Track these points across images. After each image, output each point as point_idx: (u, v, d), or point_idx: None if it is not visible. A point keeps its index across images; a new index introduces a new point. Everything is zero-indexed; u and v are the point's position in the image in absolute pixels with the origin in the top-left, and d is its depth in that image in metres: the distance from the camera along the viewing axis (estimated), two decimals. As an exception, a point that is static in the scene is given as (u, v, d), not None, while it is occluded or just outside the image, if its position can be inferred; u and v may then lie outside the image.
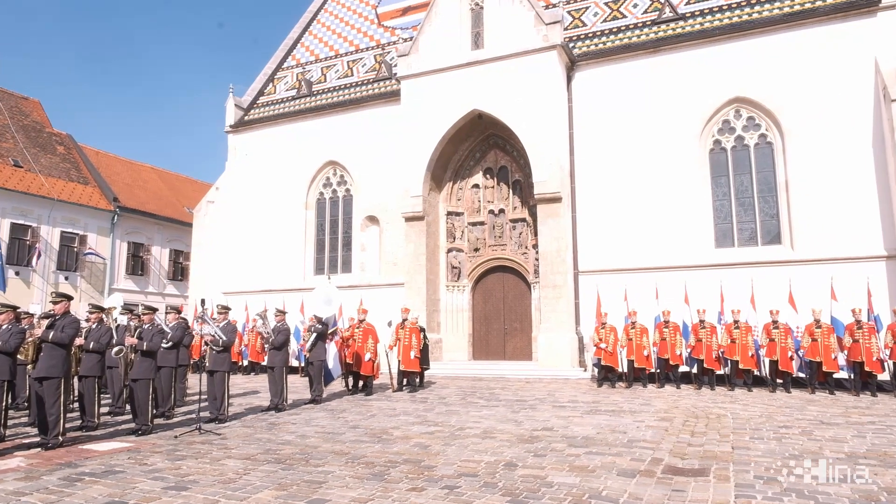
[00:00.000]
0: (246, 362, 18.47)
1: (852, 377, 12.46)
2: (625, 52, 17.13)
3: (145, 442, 7.92)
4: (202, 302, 10.57)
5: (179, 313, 10.77)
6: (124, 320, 10.68)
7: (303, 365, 15.70)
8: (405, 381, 13.54)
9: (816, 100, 14.90)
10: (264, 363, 13.63)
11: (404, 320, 13.76)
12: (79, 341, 8.80)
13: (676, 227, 15.82)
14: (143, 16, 76.18)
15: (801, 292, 13.74)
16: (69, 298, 8.21)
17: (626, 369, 14.03)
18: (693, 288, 14.69)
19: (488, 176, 18.99)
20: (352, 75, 22.33)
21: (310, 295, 15.87)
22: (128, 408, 9.62)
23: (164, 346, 9.30)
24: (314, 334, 12.12)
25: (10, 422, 9.66)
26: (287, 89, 23.45)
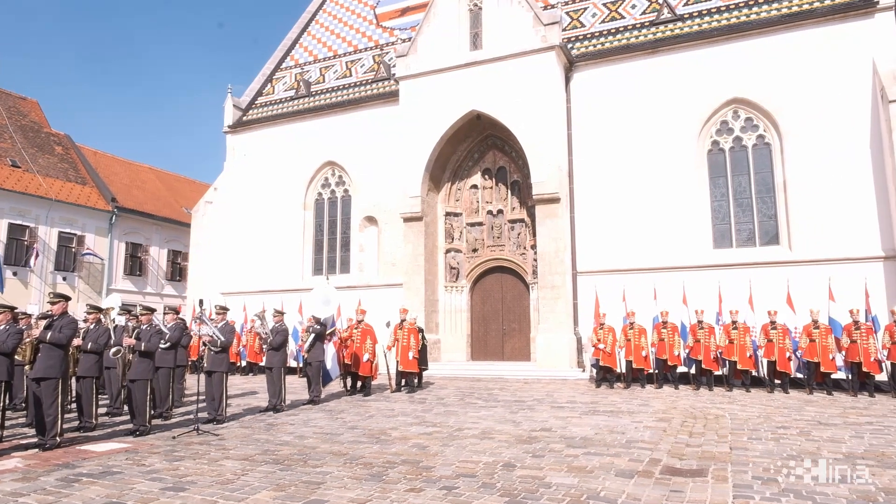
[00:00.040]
0: (244, 363, 18.47)
1: (850, 378, 12.47)
2: (623, 53, 17.15)
3: (143, 443, 7.91)
4: (200, 302, 10.57)
5: (177, 314, 10.76)
6: (122, 321, 10.69)
7: (301, 365, 15.68)
8: (403, 381, 13.53)
9: (814, 101, 14.92)
10: (262, 364, 13.61)
11: (402, 321, 13.76)
12: (77, 342, 8.79)
13: (674, 228, 15.83)
14: (143, 16, 76.21)
15: (799, 293, 13.75)
16: (67, 299, 8.20)
17: (624, 370, 14.04)
18: (691, 288, 14.71)
19: (487, 176, 19.00)
20: (350, 76, 22.33)
21: (308, 295, 15.86)
22: (126, 408, 9.61)
23: (162, 346, 9.29)
24: (312, 335, 12.11)
25: (7, 422, 9.63)
26: (285, 90, 23.45)
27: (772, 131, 15.52)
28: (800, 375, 13.16)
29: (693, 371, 13.80)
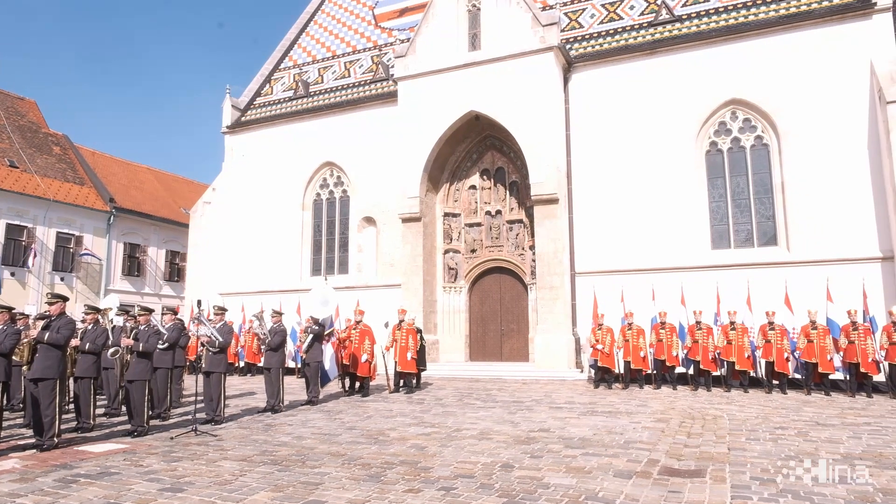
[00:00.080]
0: (242, 363, 18.45)
1: (848, 378, 12.49)
2: (621, 54, 17.17)
3: (141, 443, 7.90)
4: (198, 303, 10.54)
5: (176, 314, 10.76)
6: (120, 321, 10.67)
7: (299, 366, 15.66)
8: (402, 382, 13.53)
9: (812, 102, 14.95)
10: (261, 364, 13.59)
11: (401, 321, 13.76)
12: (74, 342, 8.78)
13: (673, 229, 15.85)
14: (143, 16, 76.18)
15: (797, 294, 13.77)
16: (65, 299, 8.18)
17: (622, 370, 14.04)
18: (689, 289, 14.72)
19: (485, 177, 19.01)
20: (349, 76, 22.33)
21: (306, 296, 15.83)
22: (124, 409, 9.60)
23: (160, 347, 9.28)
24: (311, 335, 12.10)
25: (5, 423, 9.62)
26: (284, 90, 23.44)
27: (770, 132, 15.54)
28: (798, 376, 13.17)
29: (691, 372, 13.81)
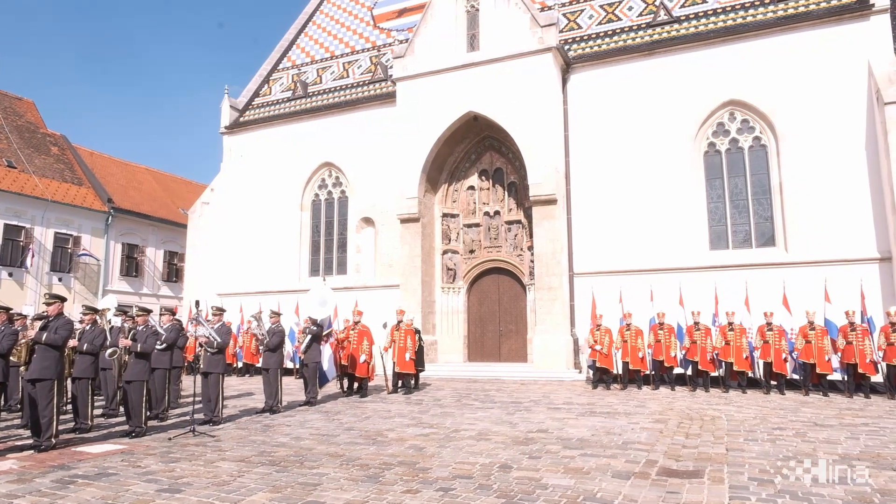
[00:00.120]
0: (240, 364, 18.43)
1: (846, 379, 12.50)
2: (620, 55, 17.18)
3: (139, 444, 7.89)
4: (197, 303, 10.55)
5: (174, 315, 10.75)
6: (118, 322, 10.66)
7: (297, 367, 15.64)
8: (400, 382, 13.53)
9: (810, 103, 14.97)
10: (259, 365, 13.58)
11: (399, 322, 13.75)
12: (72, 343, 8.77)
13: (671, 229, 15.86)
14: (143, 16, 76.18)
15: (795, 294, 13.80)
16: (63, 300, 8.17)
17: (620, 371, 14.04)
18: (688, 290, 14.74)
19: (484, 178, 19.01)
20: (347, 77, 22.33)
21: (305, 296, 15.83)
22: (121, 410, 9.59)
23: (158, 347, 9.26)
24: (309, 336, 12.09)
25: (2, 424, 9.65)
26: (282, 91, 23.43)
27: (768, 133, 15.56)
28: (796, 377, 13.18)
29: (689, 372, 13.82)
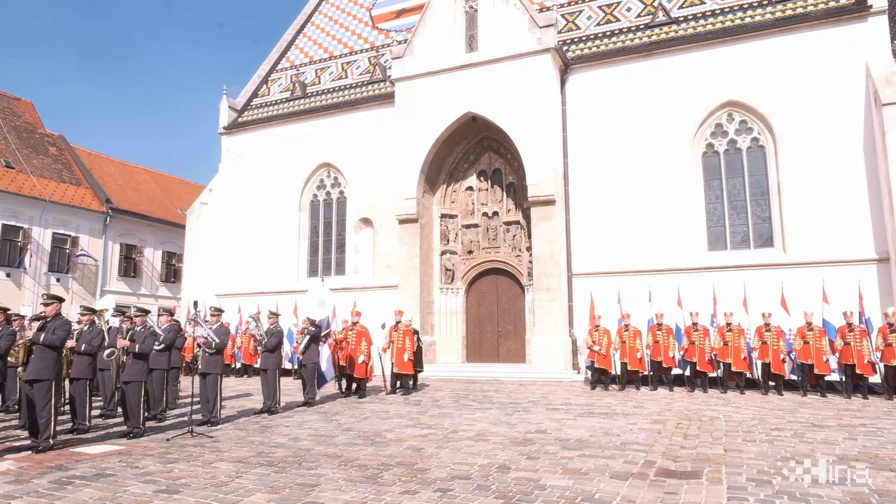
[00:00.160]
0: (239, 364, 18.40)
1: (844, 380, 12.53)
2: (618, 56, 17.20)
3: (137, 445, 7.88)
4: (195, 304, 10.54)
5: (172, 315, 10.73)
6: (116, 322, 10.64)
7: (296, 367, 15.64)
8: (398, 383, 13.52)
9: (808, 104, 14.99)
10: (257, 365, 13.57)
11: (398, 322, 13.75)
12: (70, 343, 8.75)
13: (669, 230, 15.87)
14: (143, 16, 76.14)
15: (793, 295, 13.82)
16: (60, 300, 8.16)
17: (619, 372, 14.05)
18: (686, 290, 14.76)
19: (482, 178, 19.01)
20: (346, 77, 22.32)
21: (303, 297, 15.81)
22: (119, 410, 9.57)
23: (156, 348, 9.26)
24: (307, 336, 12.08)
25: (0, 424, 9.62)
26: (281, 91, 23.42)
27: (766, 134, 15.58)
28: (794, 377, 13.21)
29: (688, 373, 13.84)
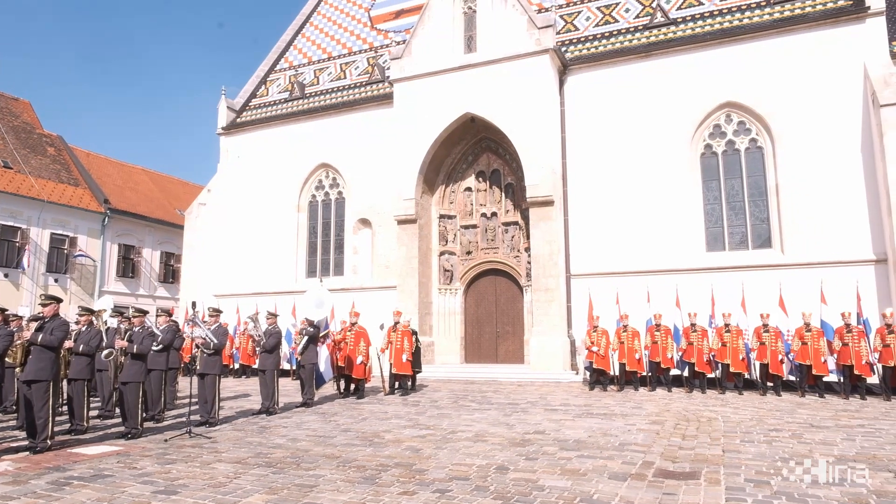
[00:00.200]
0: (237, 365, 18.39)
1: (842, 380, 12.54)
2: (617, 57, 17.21)
3: (135, 446, 7.86)
4: (193, 304, 10.51)
5: (170, 316, 10.72)
6: (114, 323, 10.62)
7: (294, 368, 15.65)
8: (397, 384, 13.52)
9: (806, 105, 15.02)
10: (255, 366, 13.55)
11: (396, 323, 13.75)
12: (68, 344, 8.74)
13: (668, 231, 15.89)
14: (143, 16, 76.09)
15: (792, 296, 13.84)
16: (58, 301, 8.14)
17: (617, 372, 14.06)
18: (684, 291, 14.77)
19: (481, 179, 19.01)
20: (344, 78, 22.32)
21: (302, 298, 15.80)
22: (117, 411, 9.56)
23: (154, 348, 9.25)
24: (306, 337, 12.08)
25: (-3, 425, 9.60)
26: (279, 91, 23.42)
27: (764, 135, 15.60)
28: (792, 378, 13.23)
29: (686, 374, 13.85)
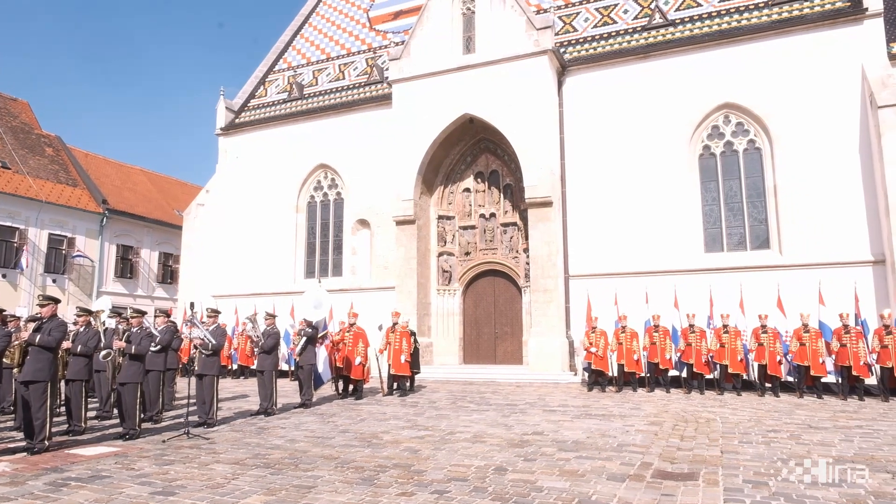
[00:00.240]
0: (235, 366, 18.38)
1: (840, 381, 12.55)
2: (615, 58, 17.23)
3: (133, 446, 7.85)
4: (191, 305, 10.52)
5: (168, 316, 10.71)
6: (112, 323, 10.61)
7: (292, 369, 15.64)
8: (395, 385, 13.51)
9: (804, 106, 15.04)
10: (254, 367, 13.54)
11: (395, 324, 13.74)
12: (66, 345, 8.73)
13: (666, 232, 15.90)
14: (142, 16, 76.04)
15: (790, 297, 13.84)
16: (56, 301, 8.14)
17: (616, 373, 14.06)
18: (683, 292, 14.76)
19: (479, 180, 19.02)
20: (343, 79, 22.32)
21: (300, 298, 15.78)
22: (115, 412, 9.54)
23: (152, 349, 9.24)
24: (304, 338, 12.07)
25: (-5, 426, 9.59)
26: (278, 92, 23.41)
27: (762, 136, 15.62)
28: (790, 379, 13.24)
29: (684, 375, 13.85)
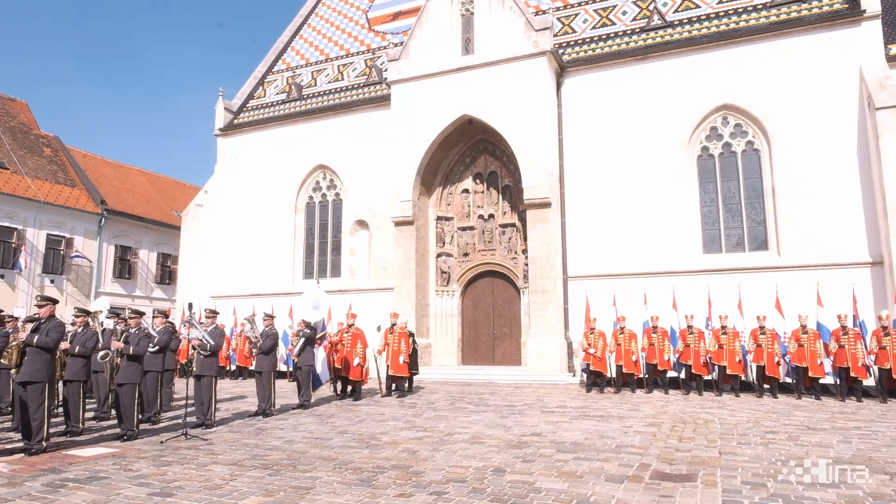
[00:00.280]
0: (234, 367, 18.36)
1: (838, 383, 12.55)
2: (614, 59, 17.25)
3: (131, 447, 7.84)
4: (190, 306, 10.49)
5: (167, 317, 10.71)
6: (110, 324, 10.60)
7: (291, 370, 15.63)
8: (394, 386, 13.51)
9: (802, 107, 15.07)
10: (252, 368, 13.55)
11: (393, 325, 13.73)
12: (64, 345, 8.71)
13: (665, 233, 15.92)
14: (142, 16, 76.01)
15: (788, 298, 13.86)
16: (54, 302, 8.12)
17: (614, 374, 14.06)
18: (681, 293, 14.77)
19: (478, 181, 19.02)
20: (342, 79, 22.32)
21: (298, 299, 15.78)
22: (113, 413, 9.53)
23: (150, 350, 9.23)
24: (303, 339, 12.07)
25: (-8, 427, 9.57)
26: (277, 93, 23.41)
27: (761, 137, 15.65)
28: (788, 380, 13.24)
29: (683, 376, 13.85)
